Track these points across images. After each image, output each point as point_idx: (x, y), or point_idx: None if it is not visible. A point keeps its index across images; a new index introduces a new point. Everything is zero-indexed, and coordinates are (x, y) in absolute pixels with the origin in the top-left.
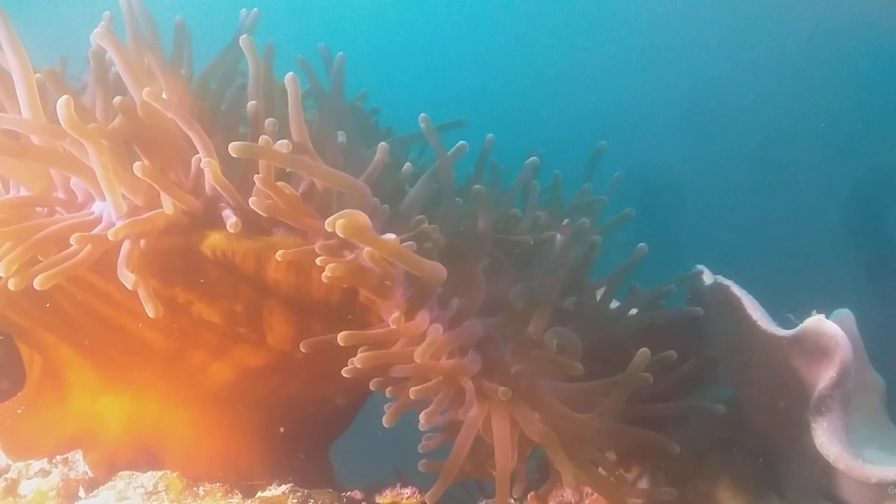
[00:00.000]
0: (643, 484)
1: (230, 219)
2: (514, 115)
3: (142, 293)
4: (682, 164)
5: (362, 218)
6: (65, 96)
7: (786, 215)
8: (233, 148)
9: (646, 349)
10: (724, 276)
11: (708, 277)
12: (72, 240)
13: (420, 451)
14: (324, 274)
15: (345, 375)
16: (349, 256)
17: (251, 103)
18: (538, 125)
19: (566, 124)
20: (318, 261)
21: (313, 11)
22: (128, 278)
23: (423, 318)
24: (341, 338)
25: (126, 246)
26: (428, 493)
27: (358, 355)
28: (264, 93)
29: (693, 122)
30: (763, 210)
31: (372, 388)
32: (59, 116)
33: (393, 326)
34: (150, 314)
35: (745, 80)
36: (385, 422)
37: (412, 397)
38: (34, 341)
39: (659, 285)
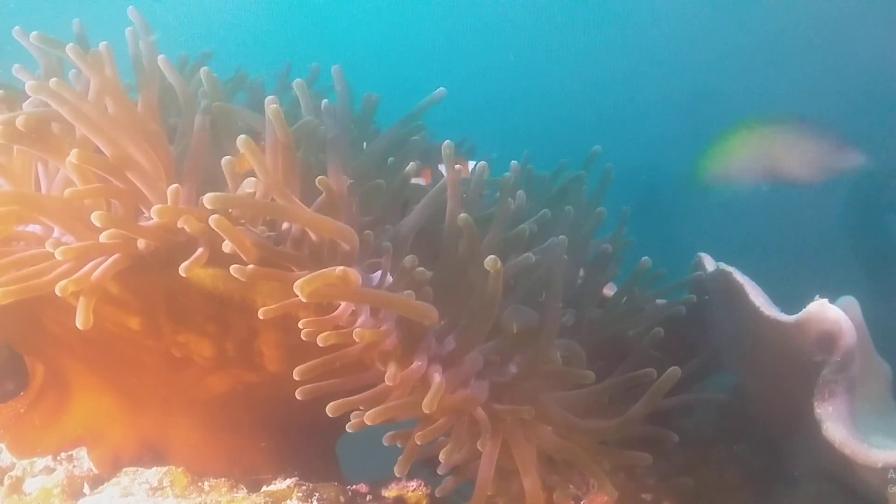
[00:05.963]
0: (651, 476)
1: (198, 251)
2: (514, 117)
3: (81, 303)
4: (684, 163)
5: (347, 274)
6: None
7: (786, 214)
8: (207, 199)
9: (676, 368)
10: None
11: (710, 264)
12: (56, 253)
13: (438, 496)
14: (304, 331)
15: (349, 430)
16: (338, 309)
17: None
18: (539, 126)
19: (568, 125)
20: (302, 330)
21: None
22: (59, 285)
23: (420, 359)
24: (331, 409)
25: (87, 267)
26: None
27: (367, 413)
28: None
29: (695, 122)
30: (764, 209)
31: (385, 443)
32: None
33: (389, 383)
34: (80, 325)
35: (747, 79)
36: (397, 472)
37: (419, 442)
38: (32, 352)
39: (652, 290)
